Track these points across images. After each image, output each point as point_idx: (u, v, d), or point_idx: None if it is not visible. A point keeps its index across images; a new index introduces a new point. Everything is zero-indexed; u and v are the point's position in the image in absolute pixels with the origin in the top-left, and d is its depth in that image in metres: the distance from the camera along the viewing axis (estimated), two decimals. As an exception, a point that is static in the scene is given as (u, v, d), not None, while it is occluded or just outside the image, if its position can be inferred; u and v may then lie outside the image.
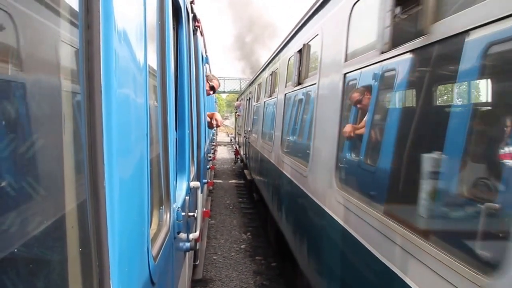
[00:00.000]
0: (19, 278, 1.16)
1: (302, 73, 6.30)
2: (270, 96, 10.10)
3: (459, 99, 3.09)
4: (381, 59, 3.19)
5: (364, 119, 4.28)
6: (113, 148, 1.29)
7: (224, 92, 68.43)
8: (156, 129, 2.30)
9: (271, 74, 10.42)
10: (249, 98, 17.95)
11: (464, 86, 2.88)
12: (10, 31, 1.14)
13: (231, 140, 36.15)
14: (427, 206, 2.64)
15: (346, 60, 4.11)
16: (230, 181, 19.85)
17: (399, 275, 2.60)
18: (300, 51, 6.39)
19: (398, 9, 2.87)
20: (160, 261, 2.09)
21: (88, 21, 1.22)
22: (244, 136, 18.32)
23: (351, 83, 4.26)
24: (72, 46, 1.32)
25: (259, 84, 12.55)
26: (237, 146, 23.99)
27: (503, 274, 1.74)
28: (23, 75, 1.23)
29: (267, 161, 9.78)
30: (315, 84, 5.32)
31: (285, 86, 7.87)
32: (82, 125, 1.22)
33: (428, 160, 2.59)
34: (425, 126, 3.00)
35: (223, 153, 33.78)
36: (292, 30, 7.53)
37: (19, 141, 1.20)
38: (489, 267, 1.86)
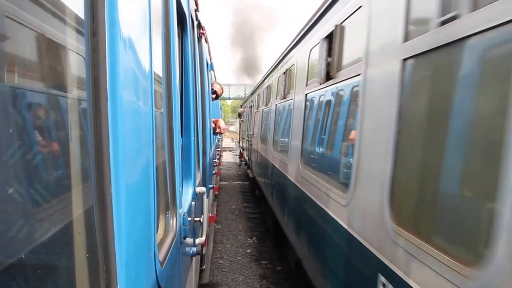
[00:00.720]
0: (27, 283, 1.17)
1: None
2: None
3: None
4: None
5: None
6: (119, 155, 1.30)
7: (229, 98, 68.55)
8: (162, 136, 2.31)
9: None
10: (251, 106, 20.17)
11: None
12: (17, 39, 1.16)
13: (236, 144, 36.42)
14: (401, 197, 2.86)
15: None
16: (234, 182, 21.00)
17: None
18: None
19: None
20: (167, 265, 2.10)
21: (94, 29, 1.24)
22: (247, 140, 20.30)
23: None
24: (78, 54, 1.33)
25: (268, 87, 12.82)
26: (241, 149, 25.68)
27: (487, 265, 1.85)
28: (30, 82, 1.24)
29: (266, 159, 11.26)
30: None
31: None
32: (89, 131, 1.24)
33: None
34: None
35: (228, 158, 33.79)
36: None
37: (26, 148, 1.22)
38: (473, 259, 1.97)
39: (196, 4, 4.98)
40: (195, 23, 4.87)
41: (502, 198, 1.80)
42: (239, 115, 29.22)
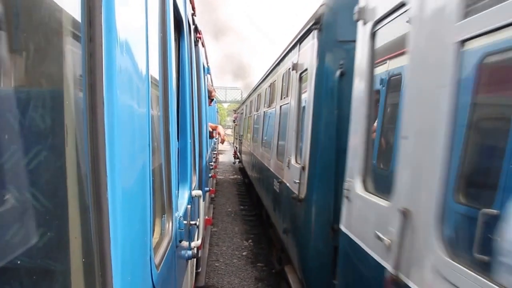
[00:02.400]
0: (23, 288, 1.17)
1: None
2: (257, 111, 13.89)
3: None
4: None
5: None
6: (115, 159, 1.30)
7: (225, 101, 68.56)
8: (158, 139, 2.32)
9: (258, 95, 14.78)
10: (242, 113, 25.59)
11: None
12: (15, 44, 1.16)
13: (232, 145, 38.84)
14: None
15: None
16: (230, 177, 24.65)
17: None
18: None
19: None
20: (162, 269, 2.11)
21: (91, 34, 1.24)
22: (239, 139, 26.31)
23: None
24: (74, 59, 1.34)
25: (251, 101, 17.28)
26: (235, 148, 30.33)
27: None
28: (27, 87, 1.25)
29: (250, 151, 16.28)
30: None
31: (280, 99, 8.51)
32: (85, 136, 1.24)
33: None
34: None
35: (225, 159, 33.78)
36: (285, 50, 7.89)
37: (22, 153, 1.22)
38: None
39: (193, 9, 4.99)
40: (192, 27, 4.88)
41: None
42: (234, 120, 34.75)
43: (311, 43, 5.76)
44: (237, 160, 26.58)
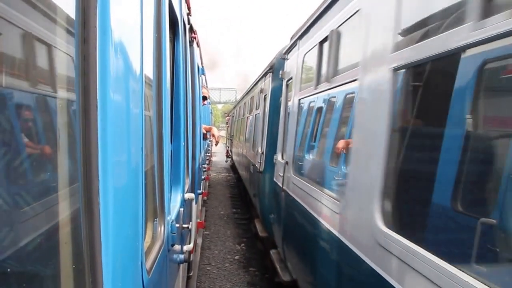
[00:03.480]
0: (11, 294, 1.15)
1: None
2: (243, 116, 19.22)
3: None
4: None
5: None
6: (108, 163, 1.28)
7: (219, 102, 68.53)
8: (151, 142, 2.30)
9: (244, 103, 19.69)
10: (233, 116, 29.62)
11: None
12: (6, 46, 1.14)
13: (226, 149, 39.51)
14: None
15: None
16: (224, 179, 24.89)
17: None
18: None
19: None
20: (154, 274, 2.08)
21: (85, 35, 1.22)
22: (230, 139, 30.27)
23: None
24: (68, 61, 1.32)
25: (240, 107, 22.26)
26: (227, 148, 32.97)
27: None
28: (19, 89, 1.22)
29: (238, 149, 20.49)
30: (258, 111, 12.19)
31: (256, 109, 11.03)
32: (78, 139, 1.22)
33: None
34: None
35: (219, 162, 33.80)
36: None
37: (13, 155, 1.20)
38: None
39: (189, 8, 4.97)
40: (187, 27, 4.86)
41: None
42: (226, 122, 40.59)
43: (268, 79, 10.33)
44: (229, 159, 29.29)
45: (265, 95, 10.82)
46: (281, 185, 7.14)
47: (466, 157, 2.72)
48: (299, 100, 6.37)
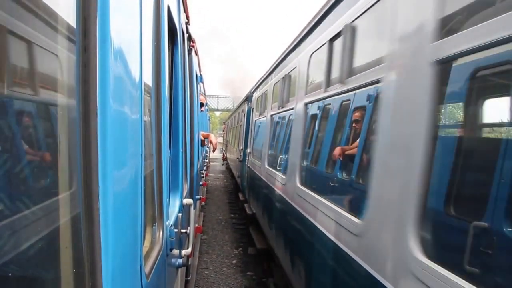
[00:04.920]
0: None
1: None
2: (237, 124, 23.85)
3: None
4: None
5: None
6: (107, 168, 1.31)
7: (217, 110, 68.36)
8: (150, 148, 2.32)
9: (237, 113, 25.98)
10: (228, 125, 35.65)
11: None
12: (7, 54, 1.16)
13: (222, 155, 40.41)
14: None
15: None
16: (221, 185, 25.10)
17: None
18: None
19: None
20: (152, 278, 2.10)
21: (85, 44, 1.25)
22: (225, 143, 35.80)
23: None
24: (69, 69, 1.34)
25: (233, 117, 28.34)
26: (224, 152, 37.69)
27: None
28: (20, 96, 1.24)
29: (232, 150, 24.51)
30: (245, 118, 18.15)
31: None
32: (78, 146, 1.24)
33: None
34: None
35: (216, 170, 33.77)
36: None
37: (14, 161, 1.22)
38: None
39: (187, 17, 5.01)
40: (186, 35, 4.89)
41: None
42: (223, 130, 47.92)
43: (245, 104, 16.93)
44: (225, 162, 33.81)
45: (244, 114, 17.39)
46: (247, 164, 13.85)
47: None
48: (256, 118, 12.80)
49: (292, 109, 6.57)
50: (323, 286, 4.06)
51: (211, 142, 8.64)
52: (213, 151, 9.08)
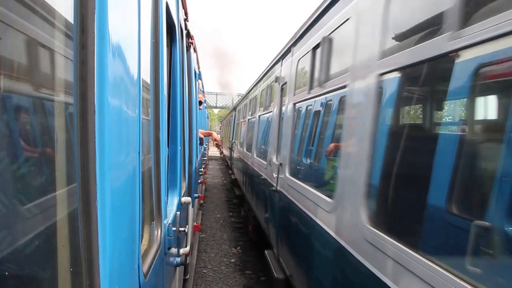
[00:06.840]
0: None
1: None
2: (229, 124, 26.04)
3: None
4: None
5: None
6: (105, 166, 1.30)
7: (216, 107, 68.33)
8: (148, 146, 2.31)
9: (232, 115, 29.75)
10: (224, 124, 40.32)
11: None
12: (6, 50, 1.15)
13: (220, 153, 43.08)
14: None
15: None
16: (220, 183, 24.54)
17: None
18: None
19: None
20: (150, 277, 2.09)
21: (83, 41, 1.24)
22: (221, 140, 38.34)
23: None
24: (66, 66, 1.33)
25: (228, 118, 32.96)
26: (221, 147, 39.18)
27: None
28: (18, 92, 1.23)
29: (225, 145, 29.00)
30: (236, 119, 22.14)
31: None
32: (75, 144, 1.23)
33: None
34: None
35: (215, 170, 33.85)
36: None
37: (11, 158, 1.21)
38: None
39: (186, 14, 4.99)
40: (184, 32, 4.88)
41: None
42: (220, 128, 52.25)
43: (233, 111, 25.16)
44: (222, 155, 39.39)
45: (232, 118, 20.40)
46: (233, 150, 17.84)
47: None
48: (237, 121, 19.80)
49: (270, 112, 8.92)
50: (303, 251, 5.13)
51: (215, 139, 9.24)
52: (217, 146, 10.70)
